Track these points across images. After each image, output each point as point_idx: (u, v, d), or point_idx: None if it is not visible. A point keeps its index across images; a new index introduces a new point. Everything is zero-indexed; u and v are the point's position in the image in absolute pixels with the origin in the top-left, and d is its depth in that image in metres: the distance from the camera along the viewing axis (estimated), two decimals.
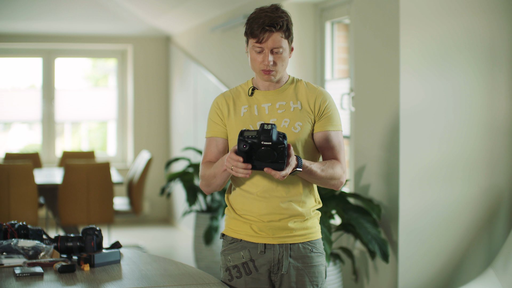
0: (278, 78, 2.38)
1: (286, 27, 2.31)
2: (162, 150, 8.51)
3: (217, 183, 2.35)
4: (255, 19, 2.31)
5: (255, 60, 2.34)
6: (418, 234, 3.68)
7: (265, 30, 2.28)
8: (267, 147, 2.12)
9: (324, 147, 2.38)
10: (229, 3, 5.81)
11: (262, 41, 2.30)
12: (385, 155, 3.77)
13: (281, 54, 2.32)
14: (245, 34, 2.36)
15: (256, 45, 2.31)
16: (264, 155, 2.13)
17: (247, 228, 2.39)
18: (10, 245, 2.56)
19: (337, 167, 2.34)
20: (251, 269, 2.38)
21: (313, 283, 2.39)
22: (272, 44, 2.30)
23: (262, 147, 2.12)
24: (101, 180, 5.75)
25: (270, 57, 2.31)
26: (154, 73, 8.50)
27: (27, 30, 7.97)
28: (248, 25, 2.33)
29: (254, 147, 2.13)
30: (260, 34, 2.29)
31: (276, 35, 2.29)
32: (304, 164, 2.24)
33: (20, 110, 8.47)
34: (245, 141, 2.13)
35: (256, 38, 2.30)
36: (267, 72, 2.34)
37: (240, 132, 2.15)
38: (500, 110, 3.76)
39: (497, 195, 3.78)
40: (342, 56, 4.81)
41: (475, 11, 3.69)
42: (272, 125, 2.14)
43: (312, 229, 2.41)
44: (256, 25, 2.30)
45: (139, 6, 7.22)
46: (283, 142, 2.12)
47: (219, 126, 2.42)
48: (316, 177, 2.30)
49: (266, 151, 2.12)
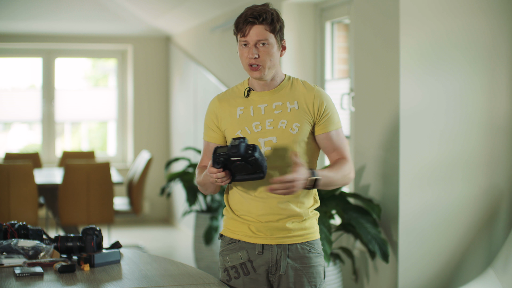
0: (269, 75, 2.35)
1: (271, 21, 2.29)
2: (162, 150, 8.51)
3: (210, 190, 2.41)
4: (241, 15, 2.32)
5: (242, 56, 2.33)
6: (418, 234, 3.68)
7: (247, 22, 2.28)
8: (239, 161, 2.18)
9: (329, 148, 2.39)
10: (229, 3, 5.81)
11: (246, 34, 2.29)
12: (385, 155, 3.77)
13: (267, 48, 2.30)
14: (234, 32, 2.36)
15: (242, 39, 2.31)
16: (239, 169, 2.21)
17: (245, 229, 2.38)
18: (10, 245, 2.56)
19: (345, 166, 2.36)
20: (249, 269, 2.38)
21: (311, 283, 2.39)
22: (255, 36, 2.29)
23: (235, 162, 2.19)
24: (101, 180, 5.75)
25: (254, 50, 2.29)
26: (154, 73, 8.50)
27: (27, 30, 7.97)
28: (235, 22, 2.34)
29: (228, 163, 2.20)
30: (244, 27, 2.29)
31: (259, 27, 2.28)
32: (318, 173, 2.25)
33: (20, 110, 8.47)
34: (218, 158, 2.19)
35: (241, 32, 2.31)
36: (254, 68, 2.32)
37: (214, 150, 2.21)
38: (500, 110, 3.76)
39: (497, 195, 3.78)
40: (342, 56, 4.81)
41: (475, 11, 3.69)
42: (240, 139, 2.19)
43: (311, 230, 2.41)
44: (241, 19, 2.31)
45: (139, 6, 7.21)
46: (252, 154, 2.17)
47: (213, 132, 2.43)
48: (334, 182, 2.31)
49: (240, 165, 2.20)
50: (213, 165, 2.20)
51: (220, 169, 2.20)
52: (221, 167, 2.20)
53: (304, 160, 2.36)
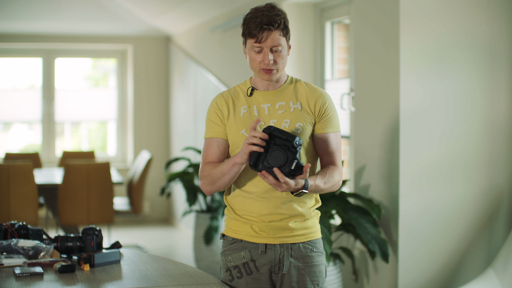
0: (278, 76, 2.38)
1: (283, 25, 2.31)
2: (162, 150, 8.51)
3: (224, 181, 2.32)
4: (252, 19, 2.30)
5: (254, 60, 2.33)
6: (418, 234, 3.68)
7: (263, 29, 2.28)
8: (282, 149, 2.17)
9: (323, 151, 2.40)
10: (229, 3, 5.81)
11: (261, 41, 2.29)
12: (385, 155, 3.77)
13: (280, 52, 2.32)
14: (243, 34, 2.35)
15: (255, 45, 2.31)
16: (273, 155, 2.17)
17: (248, 229, 2.38)
18: (10, 245, 2.56)
19: (336, 174, 2.37)
20: (252, 269, 2.38)
21: (313, 282, 2.40)
22: (271, 43, 2.29)
23: (279, 147, 2.17)
24: (101, 180, 5.75)
25: (270, 56, 2.30)
26: (154, 73, 8.50)
27: (27, 30, 7.97)
28: (245, 26, 2.32)
29: (273, 141, 2.18)
30: (259, 33, 2.28)
31: (274, 34, 2.29)
32: (310, 183, 2.26)
33: (20, 110, 8.47)
34: (272, 131, 2.19)
35: (255, 38, 2.29)
36: (267, 72, 2.33)
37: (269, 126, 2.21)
38: (500, 110, 3.76)
39: (497, 195, 3.78)
40: (342, 56, 4.81)
41: (475, 11, 3.69)
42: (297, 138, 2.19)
43: (312, 229, 2.42)
44: (253, 24, 2.29)
45: (139, 6, 7.21)
46: (295, 154, 2.18)
47: (219, 127, 2.40)
48: (320, 191, 2.33)
49: (278, 154, 2.17)
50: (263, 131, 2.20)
51: (266, 136, 2.18)
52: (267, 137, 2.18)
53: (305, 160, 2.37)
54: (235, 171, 2.29)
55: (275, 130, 2.20)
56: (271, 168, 2.18)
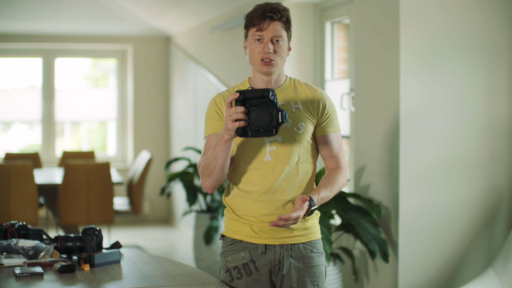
0: (276, 72, 2.36)
1: (286, 19, 2.32)
2: (162, 150, 8.51)
3: (218, 166, 2.27)
4: (255, 9, 2.32)
5: (253, 51, 2.33)
6: (418, 234, 3.68)
7: (266, 17, 2.29)
8: (260, 106, 2.17)
9: (326, 152, 2.42)
10: (229, 3, 5.81)
11: (263, 29, 2.29)
12: (385, 155, 3.77)
13: (281, 44, 2.32)
14: (245, 27, 2.35)
15: (257, 33, 2.30)
16: (257, 117, 2.17)
17: (247, 229, 2.38)
18: (10, 245, 2.56)
19: (340, 178, 2.40)
20: (251, 270, 2.38)
21: (313, 283, 2.40)
22: (272, 32, 2.30)
23: (256, 108, 2.18)
24: (101, 180, 5.76)
25: (270, 45, 2.30)
26: (154, 73, 8.50)
27: (27, 30, 7.97)
28: (248, 17, 2.34)
29: (248, 107, 2.19)
30: (261, 21, 2.29)
31: (276, 24, 2.30)
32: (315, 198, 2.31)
33: (20, 110, 8.47)
34: (242, 94, 2.18)
35: (257, 26, 2.30)
36: (266, 63, 2.31)
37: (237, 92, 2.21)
38: (500, 110, 3.76)
39: (497, 195, 3.78)
40: (342, 56, 4.81)
41: (475, 11, 3.69)
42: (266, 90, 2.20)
43: (312, 229, 2.42)
44: (257, 13, 2.30)
45: (139, 6, 7.21)
46: (274, 99, 2.19)
47: (218, 123, 2.38)
48: (328, 198, 2.38)
49: (260, 113, 2.17)
50: (235, 104, 2.19)
51: (243, 108, 2.18)
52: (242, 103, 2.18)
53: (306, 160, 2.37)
54: (227, 148, 2.25)
55: (247, 92, 2.19)
56: (259, 130, 2.19)
